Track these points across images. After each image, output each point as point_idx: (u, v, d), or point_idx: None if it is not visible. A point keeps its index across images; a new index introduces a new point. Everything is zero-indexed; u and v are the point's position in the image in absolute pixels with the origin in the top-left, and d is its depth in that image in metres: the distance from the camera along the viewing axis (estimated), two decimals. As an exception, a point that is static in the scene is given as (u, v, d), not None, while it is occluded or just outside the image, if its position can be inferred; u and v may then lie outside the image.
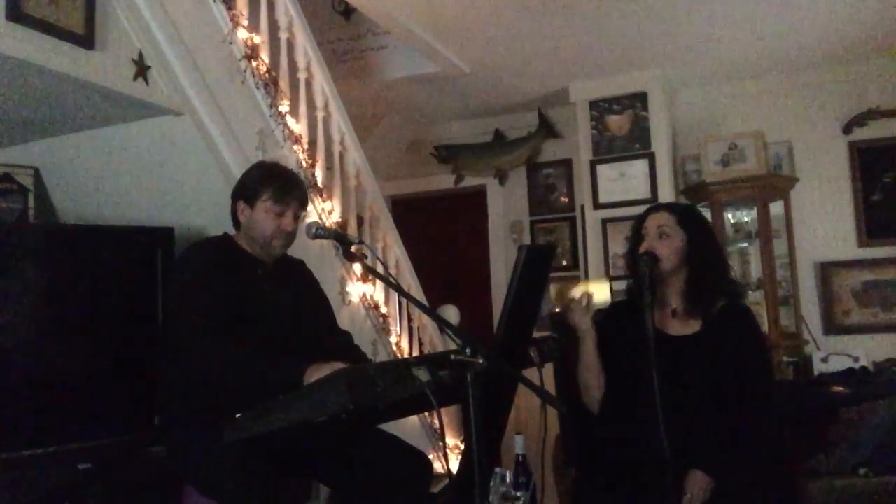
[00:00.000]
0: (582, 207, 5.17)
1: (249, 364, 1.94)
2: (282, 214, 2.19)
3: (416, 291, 4.16)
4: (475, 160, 5.76)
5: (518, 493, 1.74)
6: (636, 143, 4.89)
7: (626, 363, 2.12)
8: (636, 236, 2.21)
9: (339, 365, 1.76)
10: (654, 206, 2.30)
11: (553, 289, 2.06)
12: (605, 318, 2.26)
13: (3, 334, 2.35)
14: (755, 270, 4.73)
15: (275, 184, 2.20)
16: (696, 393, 2.05)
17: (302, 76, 3.40)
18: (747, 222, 4.78)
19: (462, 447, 3.66)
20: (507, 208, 5.79)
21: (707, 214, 4.78)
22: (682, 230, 2.14)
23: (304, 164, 3.29)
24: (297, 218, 2.25)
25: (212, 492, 2.01)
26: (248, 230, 2.21)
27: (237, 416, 1.72)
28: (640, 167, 4.86)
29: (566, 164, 5.60)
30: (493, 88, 5.11)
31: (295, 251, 2.45)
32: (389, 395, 1.54)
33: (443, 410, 1.68)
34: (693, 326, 2.15)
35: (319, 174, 3.41)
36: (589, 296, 2.12)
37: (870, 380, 3.69)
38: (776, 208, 4.72)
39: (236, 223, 2.26)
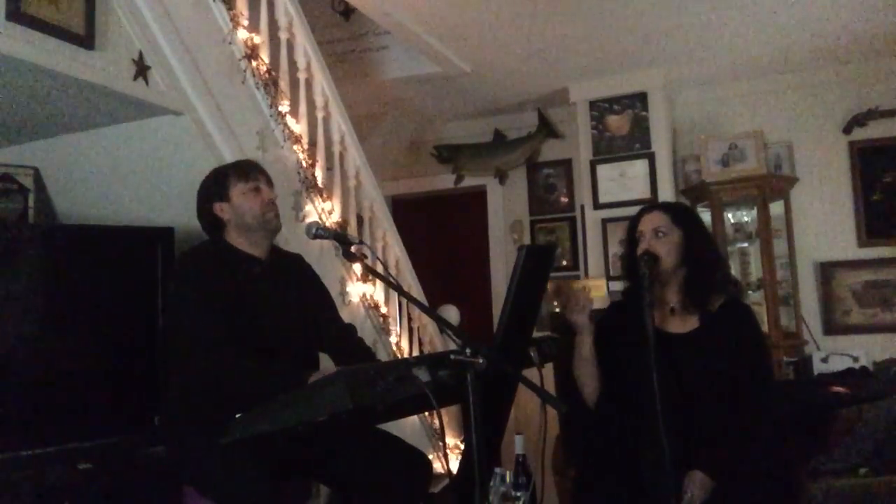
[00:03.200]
0: (582, 207, 5.17)
1: (250, 377, 1.94)
2: (258, 189, 2.22)
3: (416, 291, 4.16)
4: (475, 160, 5.76)
5: (518, 493, 1.74)
6: (636, 143, 4.89)
7: (625, 363, 2.12)
8: (631, 239, 2.21)
9: None
10: (646, 207, 2.27)
11: (550, 285, 2.08)
12: (603, 319, 2.25)
13: (4, 334, 2.35)
14: (755, 270, 4.74)
15: (232, 168, 2.26)
16: (695, 391, 2.05)
17: (302, 76, 3.40)
18: (747, 222, 4.78)
19: (462, 447, 3.66)
20: (507, 208, 5.79)
21: (707, 214, 4.80)
22: (677, 228, 2.15)
23: (304, 164, 3.29)
24: (271, 190, 2.27)
25: (212, 492, 2.01)
26: (239, 220, 2.20)
27: (237, 416, 1.73)
28: (640, 167, 4.87)
29: (566, 164, 5.60)
30: (493, 88, 5.11)
31: (295, 251, 2.45)
32: (389, 395, 1.54)
33: (443, 410, 1.69)
34: (691, 324, 2.15)
35: (319, 174, 3.41)
36: (585, 294, 2.12)
37: (870, 380, 3.69)
38: (776, 208, 4.72)
39: (219, 227, 2.24)
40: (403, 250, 4.16)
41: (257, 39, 3.06)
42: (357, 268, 3.55)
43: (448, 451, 3.91)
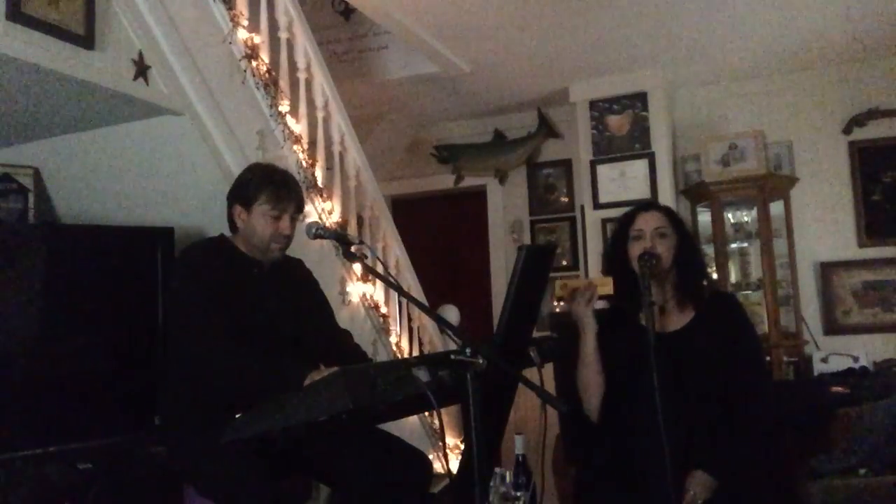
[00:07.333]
0: (582, 207, 5.17)
1: (251, 369, 1.94)
2: (279, 218, 2.17)
3: (416, 291, 4.16)
4: (475, 160, 5.76)
5: (518, 493, 1.74)
6: (636, 143, 4.89)
7: (623, 365, 2.12)
8: (622, 237, 2.19)
9: None
10: (642, 205, 2.26)
11: (556, 283, 2.07)
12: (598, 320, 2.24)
13: (4, 334, 2.35)
14: (755, 270, 4.73)
15: (271, 188, 2.18)
16: (694, 389, 2.05)
17: (302, 76, 3.40)
18: (747, 222, 4.78)
19: (462, 447, 3.66)
20: (507, 208, 5.79)
21: (707, 214, 4.80)
22: (674, 231, 2.16)
23: (304, 164, 3.29)
24: (295, 221, 2.23)
25: (211, 492, 2.01)
26: (246, 234, 2.20)
27: (237, 416, 1.73)
28: (640, 167, 4.86)
29: (566, 164, 5.60)
30: (493, 88, 5.11)
31: (295, 251, 2.44)
32: (389, 395, 1.54)
33: (443, 410, 1.69)
34: (682, 321, 2.16)
35: (319, 174, 3.41)
36: (592, 287, 2.11)
37: (870, 380, 3.69)
38: (776, 208, 4.72)
39: (233, 226, 2.24)
40: (403, 250, 4.16)
41: (257, 39, 3.06)
42: (357, 268, 3.55)
43: (448, 451, 3.91)
